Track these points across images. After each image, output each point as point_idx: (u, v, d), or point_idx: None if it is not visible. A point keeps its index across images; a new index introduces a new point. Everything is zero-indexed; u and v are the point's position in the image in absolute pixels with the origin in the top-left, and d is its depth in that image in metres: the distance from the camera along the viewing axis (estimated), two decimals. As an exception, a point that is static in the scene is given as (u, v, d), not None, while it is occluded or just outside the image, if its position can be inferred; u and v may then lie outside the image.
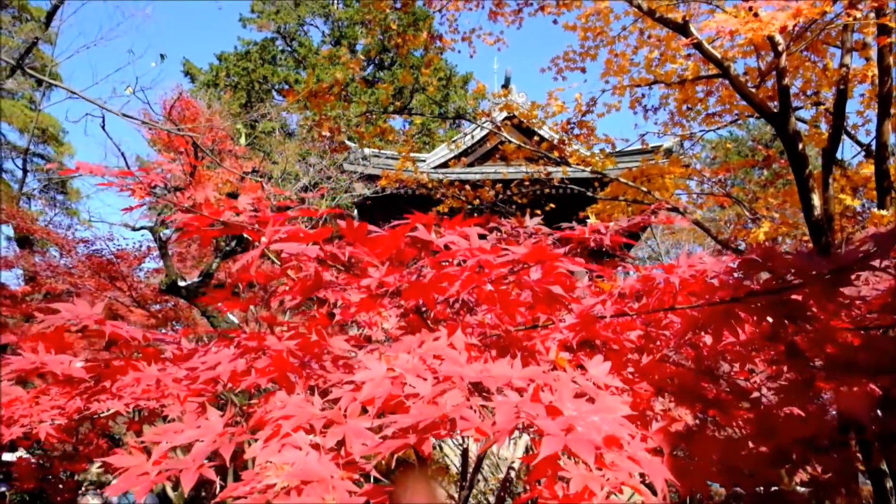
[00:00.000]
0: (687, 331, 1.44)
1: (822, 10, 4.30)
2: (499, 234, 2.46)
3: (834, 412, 1.56)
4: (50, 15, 10.72)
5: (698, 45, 5.03)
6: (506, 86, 15.64)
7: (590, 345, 1.80)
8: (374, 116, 11.19)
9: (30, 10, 15.72)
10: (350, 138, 11.86)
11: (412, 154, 13.06)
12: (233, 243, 7.48)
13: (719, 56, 5.03)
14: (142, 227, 7.39)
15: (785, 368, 1.85)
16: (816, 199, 4.80)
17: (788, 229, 6.42)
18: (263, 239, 1.31)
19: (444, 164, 13.70)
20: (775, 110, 4.92)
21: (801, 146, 4.83)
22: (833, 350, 1.46)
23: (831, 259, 1.24)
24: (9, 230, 13.07)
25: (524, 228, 2.53)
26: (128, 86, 5.56)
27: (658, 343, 1.85)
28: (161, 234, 7.21)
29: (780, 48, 4.69)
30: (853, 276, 1.39)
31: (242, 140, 10.62)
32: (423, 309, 1.55)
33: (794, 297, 1.36)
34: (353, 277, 1.46)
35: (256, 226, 1.43)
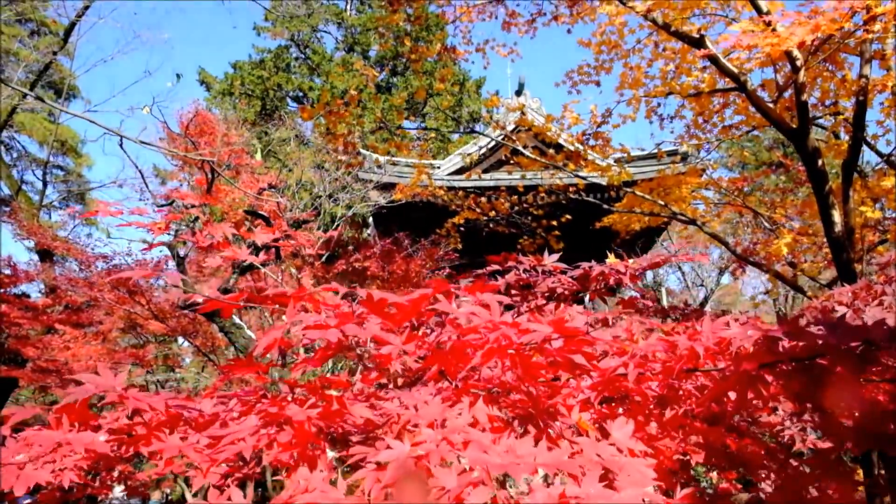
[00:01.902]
0: (712, 398, 1.43)
1: (841, 26, 4.25)
2: (517, 272, 2.45)
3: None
4: (67, 31, 10.86)
5: (714, 60, 4.99)
6: (519, 92, 15.57)
7: (610, 399, 1.79)
8: (388, 124, 11.23)
9: (48, 24, 15.93)
10: (365, 147, 11.90)
11: (427, 161, 13.09)
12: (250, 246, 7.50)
13: (736, 70, 4.98)
14: (160, 243, 7.43)
15: (808, 407, 1.82)
16: (837, 216, 4.73)
17: (809, 241, 6.34)
18: (285, 318, 1.32)
19: (459, 171, 13.68)
20: (793, 125, 4.87)
21: (820, 162, 4.77)
22: (862, 411, 1.43)
23: (860, 330, 1.22)
24: (30, 243, 13.23)
25: (542, 266, 2.52)
26: (145, 105, 5.61)
27: (681, 393, 1.83)
28: (178, 251, 7.27)
29: (798, 63, 4.64)
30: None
31: (258, 155, 10.68)
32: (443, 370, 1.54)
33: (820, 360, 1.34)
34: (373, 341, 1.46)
35: (278, 305, 1.43)
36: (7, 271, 11.35)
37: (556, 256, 2.55)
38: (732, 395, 1.67)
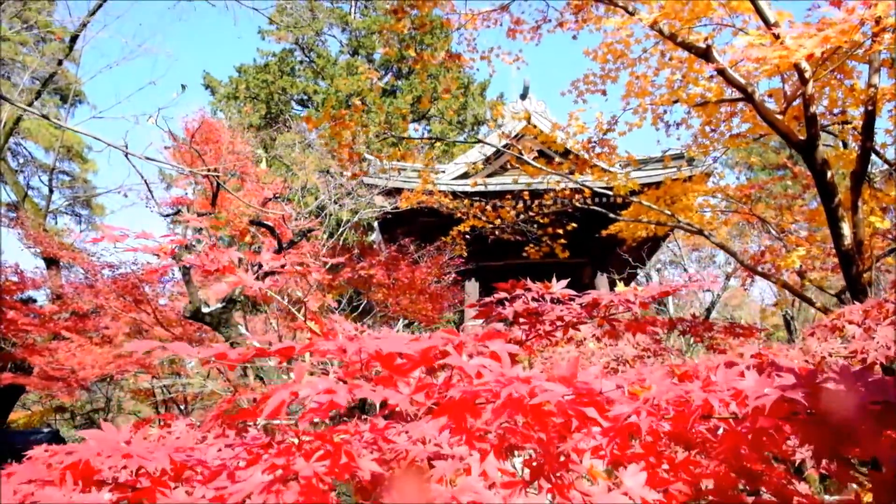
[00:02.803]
0: (727, 448, 1.40)
1: (850, 38, 4.20)
2: (525, 300, 2.43)
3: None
4: (73, 40, 10.90)
5: (722, 72, 4.95)
6: (524, 96, 15.54)
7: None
8: (393, 131, 11.20)
9: (54, 31, 15.97)
10: (370, 151, 11.87)
11: (432, 167, 13.04)
12: (255, 268, 7.51)
13: (744, 82, 4.94)
14: (166, 266, 7.41)
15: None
16: (846, 229, 4.69)
17: (819, 251, 6.29)
18: (292, 375, 1.30)
19: (464, 175, 13.66)
20: (801, 136, 4.82)
21: (829, 175, 4.73)
22: (883, 459, 1.40)
23: (879, 388, 1.19)
24: (36, 249, 13.25)
25: (550, 293, 2.49)
26: (150, 116, 5.62)
27: (693, 431, 1.81)
28: (184, 261, 7.25)
29: (806, 75, 4.60)
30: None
31: (262, 164, 10.68)
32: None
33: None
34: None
35: (287, 365, 1.41)
36: (14, 278, 11.41)
37: (563, 283, 2.53)
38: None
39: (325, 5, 23.09)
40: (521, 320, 2.41)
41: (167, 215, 8.46)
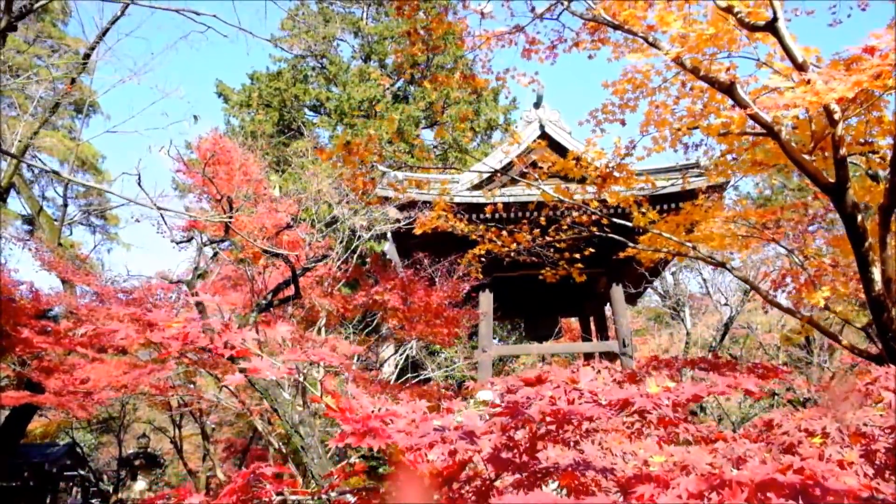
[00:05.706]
0: None
1: (884, 83, 4.05)
2: (552, 399, 2.33)
3: None
4: (86, 56, 10.91)
5: (753, 116, 4.80)
6: (538, 104, 15.33)
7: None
8: (405, 136, 11.12)
9: (68, 42, 16.01)
10: (383, 157, 11.78)
11: (448, 176, 12.95)
12: (269, 296, 7.46)
13: (770, 120, 4.80)
14: (179, 281, 7.39)
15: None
16: (876, 273, 4.55)
17: (844, 287, 6.13)
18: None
19: (478, 186, 13.54)
20: (831, 180, 4.67)
21: (860, 219, 4.58)
22: None
23: None
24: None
25: (576, 388, 2.40)
26: (162, 147, 5.58)
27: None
28: (197, 289, 7.20)
29: (836, 116, 4.45)
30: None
31: (276, 191, 10.62)
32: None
33: None
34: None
35: None
36: (29, 296, 11.45)
37: (591, 375, 2.44)
38: None
39: (337, 11, 23.03)
40: (549, 419, 2.31)
41: (179, 242, 8.42)
